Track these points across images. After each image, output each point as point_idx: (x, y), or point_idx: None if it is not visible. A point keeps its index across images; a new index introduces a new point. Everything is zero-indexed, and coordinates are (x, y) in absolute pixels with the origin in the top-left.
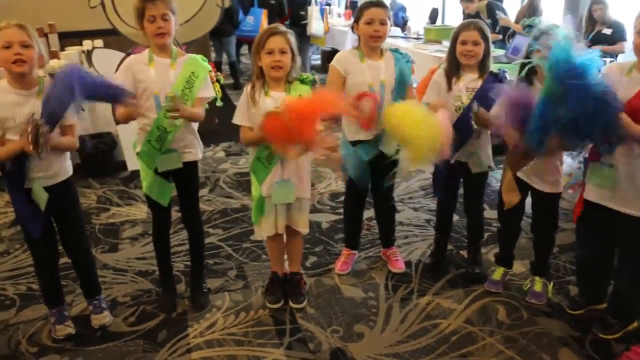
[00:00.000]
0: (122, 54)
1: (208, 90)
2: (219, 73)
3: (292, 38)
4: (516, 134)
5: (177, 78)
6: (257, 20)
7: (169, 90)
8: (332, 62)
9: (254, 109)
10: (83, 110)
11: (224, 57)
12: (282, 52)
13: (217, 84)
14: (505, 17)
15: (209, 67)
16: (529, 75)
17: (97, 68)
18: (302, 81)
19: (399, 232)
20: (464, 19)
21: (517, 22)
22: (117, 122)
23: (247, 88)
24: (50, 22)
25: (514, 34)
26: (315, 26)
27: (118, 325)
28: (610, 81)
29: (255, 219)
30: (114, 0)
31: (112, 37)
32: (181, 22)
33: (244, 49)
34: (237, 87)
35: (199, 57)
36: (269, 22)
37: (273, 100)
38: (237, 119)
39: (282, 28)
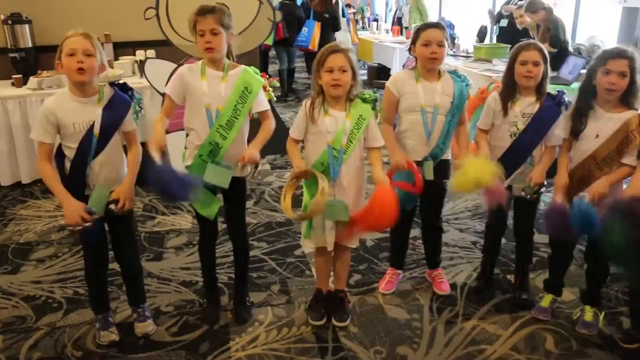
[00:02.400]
0: (174, 65)
1: (262, 104)
2: (271, 79)
3: (353, 56)
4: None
5: (231, 93)
6: (310, 31)
7: (220, 103)
8: (388, 83)
9: (312, 126)
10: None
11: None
12: (342, 71)
13: (270, 90)
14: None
15: (263, 80)
16: (589, 99)
17: (148, 77)
18: (364, 100)
19: (444, 254)
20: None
21: (542, 41)
22: (166, 132)
23: (307, 103)
24: (107, 32)
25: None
26: (339, 37)
27: (161, 334)
28: None
29: (307, 232)
30: (169, 12)
31: (164, 48)
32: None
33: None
34: (290, 91)
35: (251, 69)
36: (322, 35)
37: (332, 119)
38: (292, 132)
39: (344, 46)
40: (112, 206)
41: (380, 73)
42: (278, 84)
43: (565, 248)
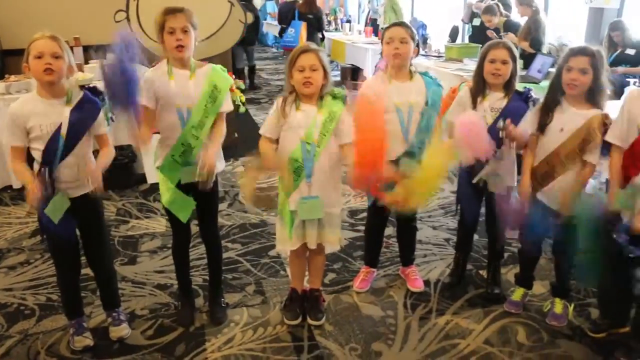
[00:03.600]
0: (145, 68)
1: (228, 105)
2: (239, 80)
3: (325, 56)
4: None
5: (202, 94)
6: (297, 32)
7: (190, 102)
8: (360, 91)
9: (283, 121)
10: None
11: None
12: (313, 69)
13: (238, 91)
14: (511, 34)
15: (231, 80)
16: (557, 94)
17: None
18: (334, 96)
19: (418, 251)
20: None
21: (523, 39)
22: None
23: (279, 101)
24: (76, 35)
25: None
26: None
27: (136, 338)
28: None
29: (289, 233)
30: (139, 14)
31: None
32: (204, 37)
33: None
34: (252, 87)
35: (219, 67)
36: (308, 35)
37: (304, 113)
38: (262, 129)
39: (314, 46)
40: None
41: (353, 74)
42: (244, 86)
43: (534, 242)
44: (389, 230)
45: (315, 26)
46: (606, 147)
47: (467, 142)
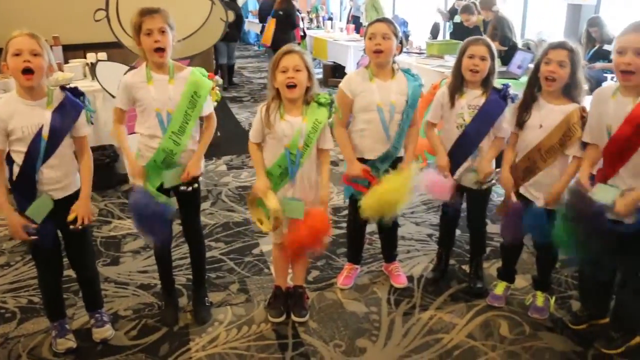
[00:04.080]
0: (126, 67)
1: (208, 108)
2: (218, 78)
3: (308, 57)
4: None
5: (181, 99)
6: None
7: (170, 106)
8: (341, 85)
9: (268, 130)
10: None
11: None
12: (297, 70)
13: (216, 90)
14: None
15: (211, 84)
16: (533, 90)
17: (100, 80)
18: (320, 104)
19: (401, 247)
20: (458, 31)
21: (491, 38)
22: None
23: (262, 109)
24: (55, 34)
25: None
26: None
27: (120, 338)
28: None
29: (268, 227)
30: (119, 13)
31: (116, 50)
32: (185, 35)
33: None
34: (231, 84)
35: (198, 70)
36: (280, 32)
37: (289, 124)
38: (252, 136)
39: (297, 47)
40: (72, 227)
41: (335, 71)
42: (221, 80)
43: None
44: (372, 227)
45: (285, 23)
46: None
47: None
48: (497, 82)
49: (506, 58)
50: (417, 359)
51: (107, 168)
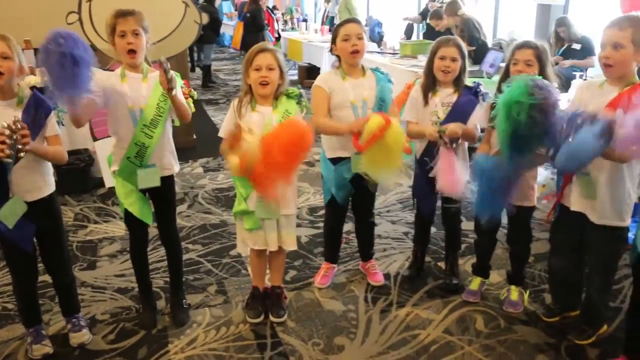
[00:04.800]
0: (100, 71)
1: (180, 95)
2: (192, 90)
3: (281, 56)
4: None
5: (153, 92)
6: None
7: (143, 103)
8: (316, 82)
9: (239, 122)
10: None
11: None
12: (270, 69)
13: (190, 99)
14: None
15: (182, 82)
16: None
17: None
18: (288, 95)
19: (377, 245)
20: (431, 31)
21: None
22: (95, 139)
23: (235, 102)
24: (27, 38)
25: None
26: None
27: (97, 343)
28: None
29: (250, 225)
30: (92, 16)
31: None
32: (159, 38)
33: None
34: (205, 85)
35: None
36: (247, 34)
37: (260, 115)
38: (222, 132)
39: (271, 46)
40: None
41: (310, 73)
42: (196, 96)
43: (489, 232)
44: (348, 227)
45: (252, 25)
46: None
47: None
48: (469, 81)
49: (478, 57)
50: (395, 355)
51: (82, 172)
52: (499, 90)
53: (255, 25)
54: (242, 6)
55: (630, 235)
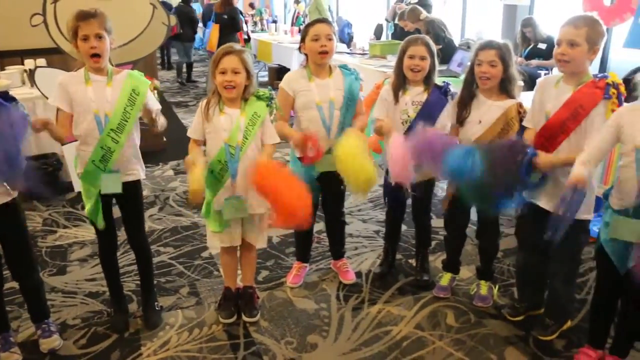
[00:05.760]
0: (64, 73)
1: (153, 103)
2: (156, 81)
3: (248, 57)
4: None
5: (120, 96)
6: (208, 33)
7: (108, 108)
8: (281, 84)
9: (207, 124)
10: None
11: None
12: (235, 72)
13: (155, 92)
14: None
15: (148, 82)
16: (471, 88)
17: (40, 87)
18: (259, 97)
19: (348, 244)
20: (400, 32)
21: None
22: (63, 143)
23: (202, 104)
24: None
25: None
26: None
27: (68, 348)
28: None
29: (215, 227)
30: (57, 18)
31: (55, 56)
32: (127, 40)
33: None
34: (189, 80)
35: (136, 72)
36: (222, 36)
37: (228, 117)
38: (190, 132)
39: (238, 47)
40: None
41: (280, 74)
42: (159, 85)
43: (458, 228)
44: (319, 226)
45: (230, 26)
46: (519, 132)
47: (391, 166)
48: (438, 80)
49: (445, 56)
50: (367, 352)
51: (50, 177)
52: (465, 91)
53: (233, 27)
54: (209, 8)
55: (595, 229)
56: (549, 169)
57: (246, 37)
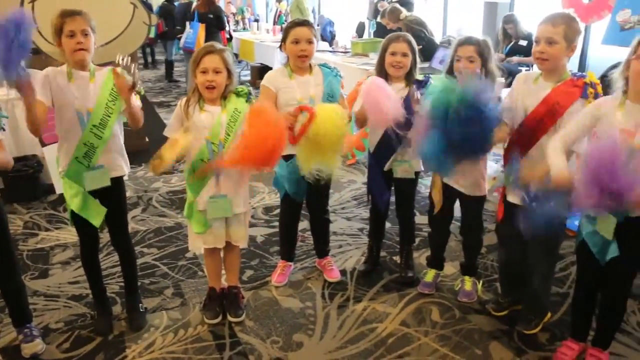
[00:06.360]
0: (51, 67)
1: (134, 101)
2: (138, 86)
3: (229, 56)
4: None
5: (101, 92)
6: (195, 33)
7: (90, 105)
8: (263, 82)
9: (187, 122)
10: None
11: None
12: (216, 72)
13: (138, 96)
14: None
15: (130, 78)
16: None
17: None
18: (238, 94)
19: (333, 242)
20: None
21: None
22: (43, 144)
23: (182, 102)
24: None
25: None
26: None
27: (51, 352)
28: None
29: (198, 228)
30: (36, 17)
31: (34, 56)
32: (107, 40)
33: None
34: (171, 80)
35: (118, 68)
36: (207, 35)
37: (208, 114)
38: (167, 131)
39: (219, 46)
40: None
41: (262, 73)
42: (143, 91)
43: (442, 224)
44: (304, 225)
45: (215, 25)
46: None
47: (372, 108)
48: (420, 76)
49: (428, 54)
50: (353, 349)
51: (31, 179)
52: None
53: (218, 25)
54: (181, 7)
55: (576, 223)
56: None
57: (228, 36)
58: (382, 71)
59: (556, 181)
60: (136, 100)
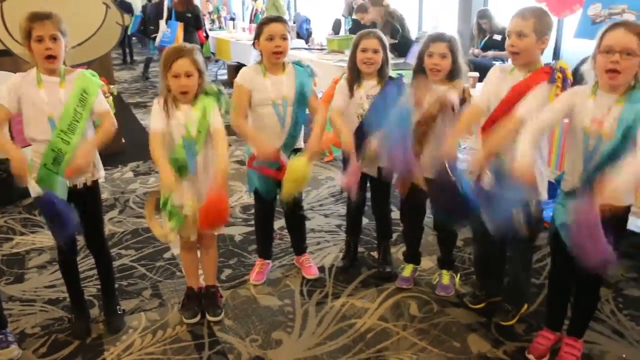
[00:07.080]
0: (14, 75)
1: (102, 105)
2: (111, 86)
3: (199, 57)
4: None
5: (69, 97)
6: (173, 32)
7: (60, 110)
8: (237, 79)
9: (167, 121)
10: None
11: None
12: (188, 76)
13: (110, 97)
14: None
15: (101, 83)
16: (418, 77)
17: None
18: (207, 93)
19: (311, 239)
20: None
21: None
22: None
23: (159, 101)
24: None
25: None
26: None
27: (28, 358)
28: None
29: (175, 224)
30: (5, 18)
31: (4, 58)
32: (80, 41)
33: None
34: (147, 78)
35: (88, 72)
36: (187, 34)
37: (182, 112)
38: (154, 126)
39: (188, 47)
40: None
41: (239, 71)
42: (116, 92)
43: (414, 220)
44: (281, 222)
45: (193, 24)
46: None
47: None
48: (393, 73)
49: (403, 50)
50: (332, 345)
51: (4, 183)
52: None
53: (196, 25)
54: (154, 6)
55: (550, 213)
56: (480, 166)
57: (205, 35)
58: (354, 68)
59: (516, 171)
60: (110, 115)
